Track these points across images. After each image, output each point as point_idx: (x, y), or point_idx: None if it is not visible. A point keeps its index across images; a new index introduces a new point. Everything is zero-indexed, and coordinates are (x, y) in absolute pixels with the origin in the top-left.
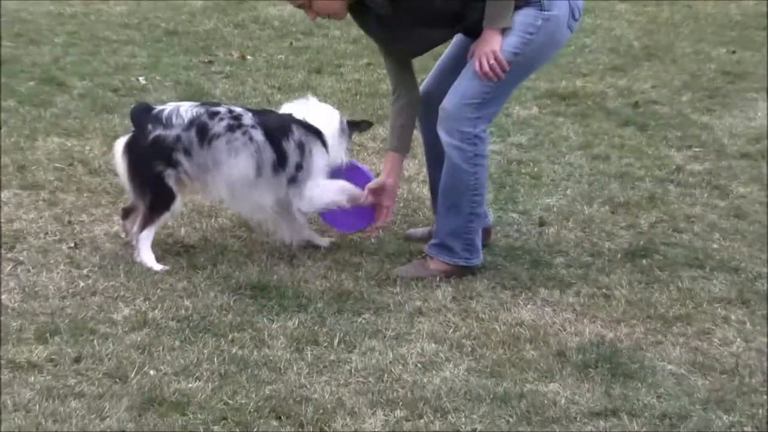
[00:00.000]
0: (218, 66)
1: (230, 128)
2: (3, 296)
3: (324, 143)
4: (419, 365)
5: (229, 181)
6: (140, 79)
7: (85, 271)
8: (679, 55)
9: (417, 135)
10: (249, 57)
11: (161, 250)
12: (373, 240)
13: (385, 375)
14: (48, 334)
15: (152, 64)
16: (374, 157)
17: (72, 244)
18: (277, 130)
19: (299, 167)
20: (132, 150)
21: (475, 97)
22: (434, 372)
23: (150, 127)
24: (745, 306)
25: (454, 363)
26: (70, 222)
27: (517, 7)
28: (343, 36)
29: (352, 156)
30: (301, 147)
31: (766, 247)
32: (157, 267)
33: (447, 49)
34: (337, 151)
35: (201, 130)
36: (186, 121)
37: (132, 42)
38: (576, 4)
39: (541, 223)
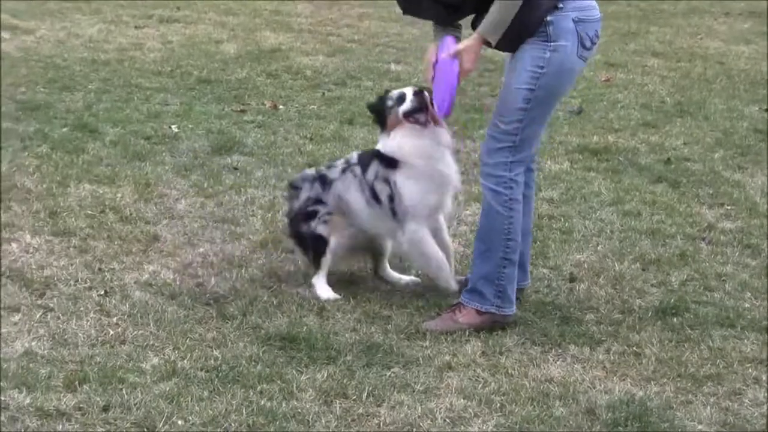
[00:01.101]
0: (250, 115)
1: (343, 170)
2: (33, 343)
3: (399, 168)
4: (448, 420)
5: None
6: (172, 127)
7: (114, 320)
8: (711, 112)
9: None
10: (281, 107)
11: (191, 299)
12: None
13: (414, 430)
14: (77, 382)
15: (184, 112)
16: None
17: (102, 292)
18: (364, 165)
19: (391, 199)
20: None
21: (505, 141)
22: (462, 427)
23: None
24: None
25: (482, 419)
26: (100, 269)
27: (524, 40)
28: (375, 87)
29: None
30: (385, 180)
31: None
32: (333, 296)
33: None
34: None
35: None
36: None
37: (165, 89)
38: (586, 32)
39: (572, 279)
